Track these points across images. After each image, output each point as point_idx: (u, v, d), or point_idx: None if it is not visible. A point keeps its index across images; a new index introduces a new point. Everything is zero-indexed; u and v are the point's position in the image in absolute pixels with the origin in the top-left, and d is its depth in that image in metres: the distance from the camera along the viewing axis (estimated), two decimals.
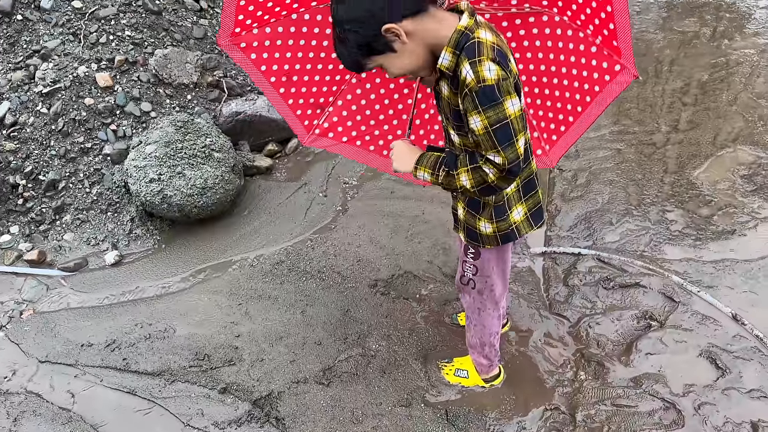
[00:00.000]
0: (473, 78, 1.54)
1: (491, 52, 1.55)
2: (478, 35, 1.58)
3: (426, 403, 2.54)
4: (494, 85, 1.54)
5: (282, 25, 2.06)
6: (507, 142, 1.58)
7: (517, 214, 1.97)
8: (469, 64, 1.55)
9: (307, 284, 3.15)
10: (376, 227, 3.44)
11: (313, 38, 2.11)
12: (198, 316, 3.07)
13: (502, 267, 2.19)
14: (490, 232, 1.99)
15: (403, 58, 1.65)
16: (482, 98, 1.55)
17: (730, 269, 2.91)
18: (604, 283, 2.94)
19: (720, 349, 2.58)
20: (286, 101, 2.26)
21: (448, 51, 1.62)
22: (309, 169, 4.09)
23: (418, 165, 1.84)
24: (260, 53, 2.07)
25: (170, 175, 3.43)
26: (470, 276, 2.22)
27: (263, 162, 4.13)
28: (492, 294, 2.24)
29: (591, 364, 2.62)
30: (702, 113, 3.87)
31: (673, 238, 3.11)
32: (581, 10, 1.86)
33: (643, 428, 2.36)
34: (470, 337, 2.49)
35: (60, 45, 4.02)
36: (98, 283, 3.37)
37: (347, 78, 2.29)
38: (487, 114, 1.56)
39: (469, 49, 1.56)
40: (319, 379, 2.68)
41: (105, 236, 3.65)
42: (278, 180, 4.04)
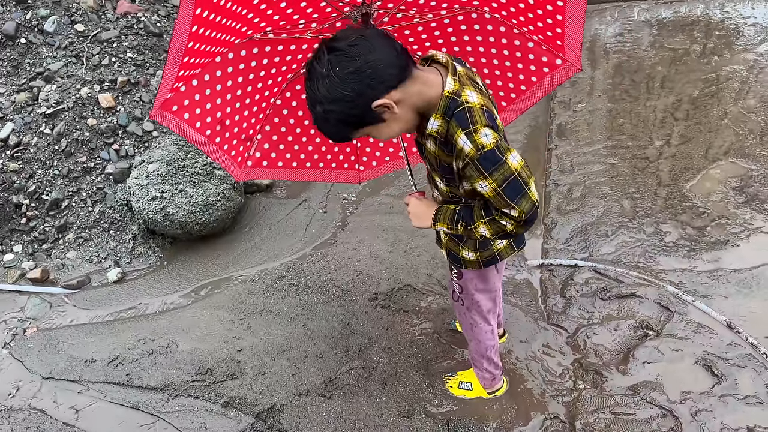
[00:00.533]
0: (472, 147, 1.55)
1: (484, 118, 1.56)
2: (466, 99, 1.58)
3: (427, 413, 2.57)
4: (494, 149, 1.55)
5: (207, 72, 1.91)
6: (519, 195, 1.59)
7: (501, 242, 2.02)
8: (465, 135, 1.55)
9: (308, 298, 3.19)
10: (376, 242, 3.49)
11: (238, 75, 1.99)
12: (200, 331, 3.10)
13: (485, 285, 2.22)
14: (473, 260, 2.05)
15: (391, 126, 1.64)
16: (486, 164, 1.56)
17: (724, 278, 2.96)
18: (600, 294, 2.99)
19: (715, 356, 2.62)
20: (222, 147, 2.12)
21: (437, 118, 1.63)
22: (308, 186, 4.14)
23: (435, 221, 1.87)
24: (192, 110, 1.92)
25: (172, 192, 3.49)
26: (458, 294, 2.28)
27: (263, 180, 4.18)
28: (480, 310, 2.28)
29: (589, 373, 2.65)
30: (694, 128, 3.95)
31: (667, 249, 3.16)
32: (521, 13, 1.93)
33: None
34: (470, 353, 2.53)
35: (63, 67, 4.10)
36: (101, 300, 3.40)
37: (272, 101, 2.20)
38: (493, 177, 1.57)
39: (461, 118, 1.56)
40: (321, 391, 2.71)
41: (107, 254, 3.69)
42: (278, 197, 4.10)
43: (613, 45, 5.01)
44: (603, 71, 4.68)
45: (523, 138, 4.19)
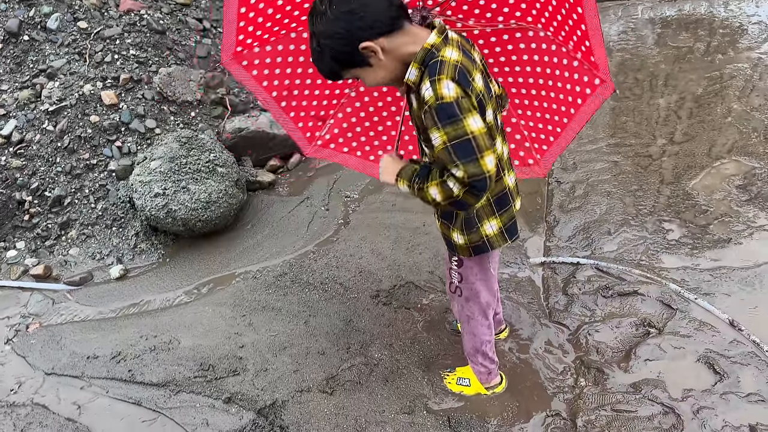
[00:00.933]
0: (432, 95, 1.61)
1: (452, 71, 1.62)
2: (443, 54, 1.65)
3: (428, 410, 2.57)
4: (453, 102, 1.60)
5: (281, 43, 2.11)
6: (469, 157, 1.61)
7: (490, 228, 2.03)
8: (429, 82, 1.62)
9: (310, 295, 3.20)
10: (378, 239, 3.49)
11: None
12: (202, 327, 3.10)
13: (485, 276, 2.24)
14: (462, 244, 2.07)
15: (377, 71, 1.73)
16: (441, 114, 1.61)
17: (727, 276, 2.95)
18: (602, 292, 2.98)
19: (718, 354, 2.62)
20: (288, 114, 2.31)
21: (414, 66, 1.70)
22: (311, 184, 4.15)
23: (398, 177, 1.90)
24: (261, 70, 2.12)
25: (175, 189, 3.49)
26: (456, 283, 2.29)
27: (266, 177, 4.19)
28: (478, 301, 2.29)
29: (591, 371, 2.65)
30: (697, 126, 3.94)
31: (670, 247, 3.16)
32: (561, 27, 1.93)
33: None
34: (465, 347, 2.53)
35: (66, 64, 4.11)
36: (103, 297, 3.41)
37: (346, 92, 2.35)
38: (446, 130, 1.61)
39: (432, 67, 1.64)
40: (323, 387, 2.71)
41: (110, 251, 3.70)
42: (280, 195, 4.10)
43: (617, 43, 5.00)
44: None
45: None
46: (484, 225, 2.02)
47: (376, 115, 2.43)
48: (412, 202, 3.76)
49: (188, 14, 4.78)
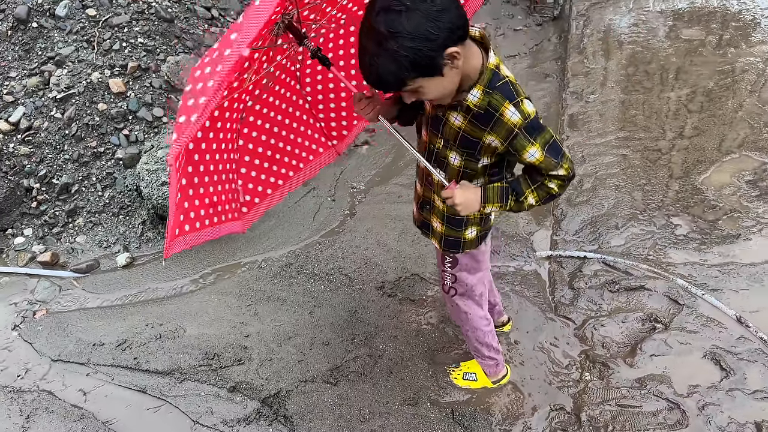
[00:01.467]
0: (520, 117, 1.65)
1: (522, 90, 1.69)
2: (504, 73, 1.68)
3: (432, 402, 2.57)
4: (536, 116, 1.68)
5: (185, 175, 1.80)
6: (561, 154, 1.72)
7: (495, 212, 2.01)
8: (513, 106, 1.65)
9: (315, 286, 3.20)
10: (384, 230, 3.48)
11: (205, 152, 1.86)
12: (208, 316, 3.11)
13: (478, 267, 2.23)
14: (474, 236, 2.07)
15: (445, 82, 1.60)
16: (532, 132, 1.67)
17: (735, 273, 2.93)
18: (609, 286, 2.97)
19: (724, 350, 2.60)
20: (222, 221, 2.02)
21: (479, 88, 1.66)
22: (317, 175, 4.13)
23: (485, 203, 1.86)
24: (189, 219, 1.83)
25: None
26: (450, 284, 2.28)
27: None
28: (473, 294, 2.30)
29: (596, 365, 2.64)
30: (707, 120, 3.90)
31: (678, 242, 3.13)
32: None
33: (647, 428, 2.38)
34: (469, 344, 2.52)
35: (74, 52, 4.10)
36: (110, 285, 3.42)
37: (234, 147, 2.07)
38: (539, 142, 1.68)
39: (505, 90, 1.65)
40: (327, 378, 2.72)
41: (117, 239, 3.70)
42: None
43: (628, 35, 4.94)
44: (616, 62, 4.62)
45: None
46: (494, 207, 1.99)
47: (266, 133, 2.19)
48: None
49: (196, 2, 4.76)
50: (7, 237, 3.78)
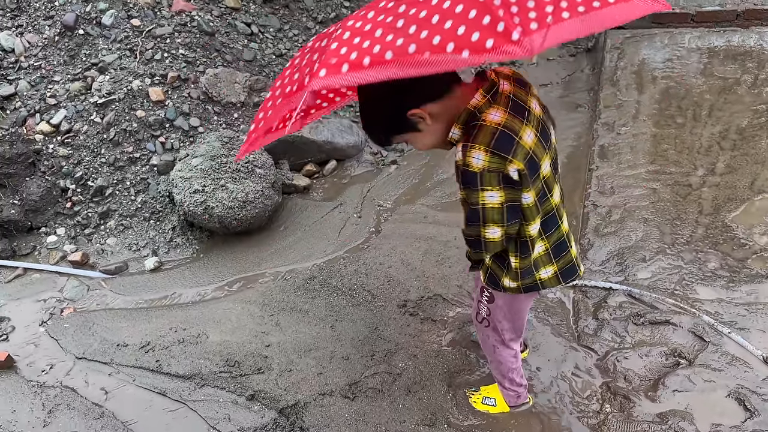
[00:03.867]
0: (461, 158, 1.64)
1: (488, 139, 1.60)
2: (485, 117, 1.64)
3: (449, 424, 2.56)
4: (476, 174, 1.62)
5: None
6: (473, 222, 1.73)
7: (545, 273, 1.99)
8: (462, 146, 1.64)
9: (337, 300, 3.22)
10: (408, 249, 3.50)
11: None
12: (230, 324, 3.15)
13: (513, 316, 2.21)
14: (513, 288, 2.01)
15: (426, 136, 1.75)
16: (464, 178, 1.65)
17: (763, 312, 2.88)
18: (634, 319, 2.94)
19: (749, 390, 2.55)
20: None
21: (456, 127, 1.71)
22: (345, 191, 4.18)
23: None
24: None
25: (213, 187, 3.56)
26: (484, 315, 2.26)
27: (301, 181, 4.24)
28: (502, 336, 2.28)
29: (617, 398, 2.61)
30: (740, 158, 3.87)
31: (705, 279, 3.10)
32: None
33: None
34: (493, 373, 2.52)
35: (117, 59, 4.23)
36: (137, 287, 3.48)
37: None
38: (465, 191, 1.69)
39: (470, 130, 1.66)
40: (345, 392, 2.72)
41: (146, 243, 3.78)
42: (314, 199, 4.15)
43: (662, 70, 4.94)
44: (649, 96, 4.62)
45: (564, 157, 4.17)
46: (540, 271, 1.98)
47: None
48: (444, 215, 3.77)
49: (237, 18, 4.89)
50: (40, 235, 3.88)
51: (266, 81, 4.57)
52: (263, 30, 5.02)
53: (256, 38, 4.91)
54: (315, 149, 4.36)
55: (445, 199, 3.92)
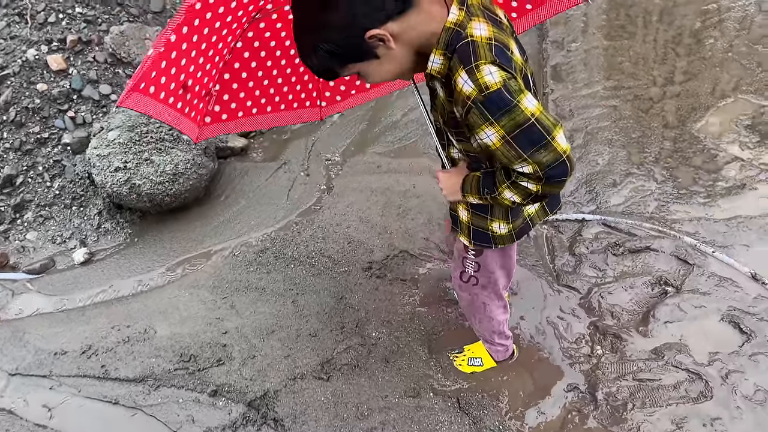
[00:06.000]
0: (472, 87, 1.30)
1: (489, 53, 1.30)
2: (470, 32, 1.32)
3: (435, 392, 2.36)
4: (500, 89, 1.29)
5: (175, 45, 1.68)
6: (536, 145, 1.32)
7: (532, 206, 1.77)
8: (466, 73, 1.31)
9: (296, 272, 2.93)
10: (366, 205, 3.21)
11: (203, 27, 1.73)
12: (179, 313, 2.83)
13: (507, 261, 1.98)
14: (505, 233, 1.76)
15: (385, 64, 1.42)
16: (491, 107, 1.31)
17: (744, 226, 2.75)
18: (612, 249, 2.77)
19: (742, 311, 2.43)
20: (183, 111, 1.87)
21: (437, 54, 1.38)
22: (287, 147, 3.83)
23: (464, 192, 1.63)
24: (158, 81, 1.71)
25: (137, 162, 3.16)
26: (471, 273, 2.00)
27: (237, 142, 3.85)
28: (496, 287, 2.05)
29: (607, 338, 2.45)
30: (698, 63, 3.69)
31: (680, 197, 2.94)
32: None
33: (669, 402, 2.21)
34: (482, 332, 2.30)
35: (5, 27, 3.67)
36: (68, 285, 3.10)
37: (232, 45, 1.93)
38: (501, 123, 1.31)
39: (463, 53, 1.32)
40: (318, 373, 2.48)
41: (72, 233, 3.37)
42: (255, 161, 3.78)
43: None
44: (596, 6, 4.36)
45: None
46: (528, 206, 1.72)
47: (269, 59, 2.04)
48: (398, 162, 3.47)
49: None
50: None
51: None
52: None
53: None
54: None
55: (396, 143, 3.62)
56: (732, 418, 2.14)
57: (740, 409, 2.16)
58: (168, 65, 1.69)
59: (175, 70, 1.73)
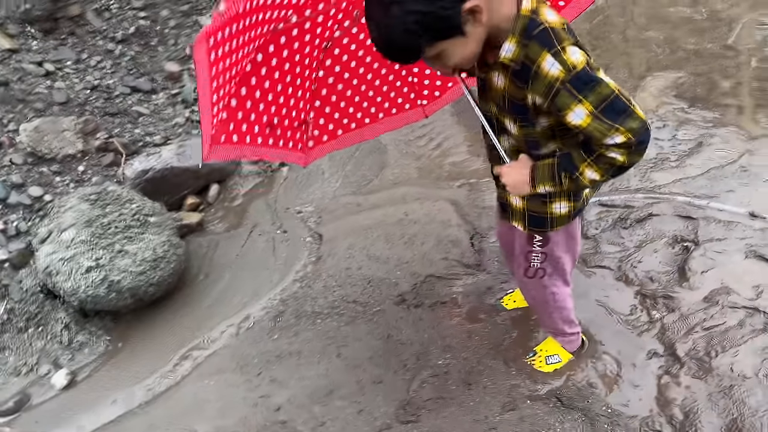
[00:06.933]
0: (561, 69, 1.35)
1: (567, 35, 1.38)
2: (544, 18, 1.38)
3: (531, 398, 2.28)
4: (585, 67, 1.36)
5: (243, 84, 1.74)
6: (622, 115, 1.37)
7: None
8: (552, 56, 1.35)
9: (326, 325, 2.72)
10: (367, 243, 3.08)
11: (274, 70, 1.82)
12: (213, 405, 2.50)
13: (572, 243, 1.99)
14: (565, 213, 1.79)
15: (469, 43, 1.41)
16: (579, 86, 1.36)
17: (720, 175, 3.02)
18: (621, 224, 2.90)
19: (759, 245, 2.64)
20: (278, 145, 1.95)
21: (512, 41, 1.41)
22: (247, 212, 3.61)
23: (535, 183, 1.62)
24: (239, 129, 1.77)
25: (110, 256, 2.80)
26: (538, 265, 1.99)
27: (192, 218, 3.57)
28: (564, 273, 2.06)
29: (658, 301, 2.54)
30: (606, 55, 4.05)
31: (654, 166, 3.16)
32: None
33: (742, 341, 2.31)
34: (555, 324, 2.27)
35: None
36: (60, 415, 2.62)
37: (313, 76, 1.99)
38: (589, 99, 1.36)
39: (543, 38, 1.36)
40: (404, 417, 2.29)
41: (38, 357, 2.88)
42: (218, 233, 3.51)
43: None
44: None
45: None
46: (603, 183, 1.73)
47: (355, 77, 2.08)
48: (376, 198, 3.40)
49: (22, 59, 3.93)
50: None
51: (96, 120, 3.74)
52: (59, 65, 4.11)
53: (56, 76, 4.01)
54: (190, 178, 3.70)
55: (366, 181, 3.55)
56: None
57: None
58: (246, 113, 1.75)
59: (255, 116, 1.79)
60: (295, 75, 1.90)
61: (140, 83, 4.12)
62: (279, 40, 1.82)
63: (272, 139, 1.91)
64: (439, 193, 3.29)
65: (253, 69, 1.76)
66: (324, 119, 2.12)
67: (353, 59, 2.05)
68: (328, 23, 1.88)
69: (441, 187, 3.34)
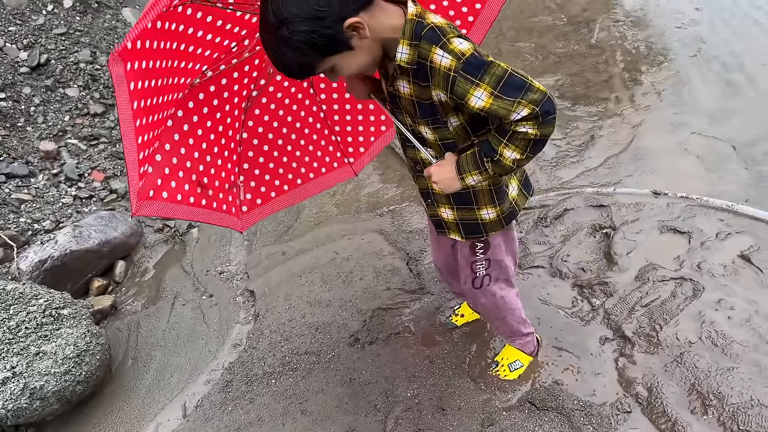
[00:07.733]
0: (451, 58, 1.42)
1: (452, 30, 1.46)
2: (430, 20, 1.47)
3: (506, 409, 2.30)
4: (473, 52, 1.42)
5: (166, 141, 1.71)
6: (521, 89, 1.42)
7: (513, 189, 1.88)
8: (440, 48, 1.43)
9: (282, 384, 2.59)
10: (304, 290, 2.99)
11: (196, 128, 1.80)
12: None
13: (511, 244, 2.08)
14: (493, 218, 1.85)
15: (359, 55, 1.50)
16: (472, 70, 1.42)
17: (617, 163, 3.25)
18: (541, 223, 3.03)
19: (669, 219, 2.85)
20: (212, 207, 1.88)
21: (404, 44, 1.48)
22: (162, 283, 3.39)
23: (463, 174, 1.64)
24: (168, 186, 1.72)
25: (27, 361, 2.50)
26: (484, 272, 2.05)
27: (103, 302, 3.29)
28: (507, 275, 2.12)
29: (593, 288, 2.66)
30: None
31: (556, 164, 3.35)
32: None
33: (680, 309, 2.47)
34: (510, 328, 2.32)
35: None
36: None
37: (238, 137, 1.97)
38: (486, 81, 1.41)
39: (431, 36, 1.44)
40: None
41: None
42: (135, 311, 3.26)
43: None
44: None
45: None
46: (510, 188, 1.83)
47: (279, 137, 2.08)
48: (301, 242, 3.32)
49: None
50: None
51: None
52: None
53: None
54: (93, 259, 3.43)
55: (285, 228, 3.47)
56: (717, 285, 2.50)
57: (719, 277, 2.53)
58: (173, 169, 1.70)
59: (183, 173, 1.73)
60: (218, 134, 1.85)
61: (15, 168, 3.77)
62: (197, 96, 1.78)
63: (205, 199, 1.83)
64: (364, 225, 3.28)
65: (174, 125, 1.71)
66: (255, 182, 2.08)
67: (274, 119, 2.02)
68: (244, 80, 1.86)
69: (364, 219, 3.33)
